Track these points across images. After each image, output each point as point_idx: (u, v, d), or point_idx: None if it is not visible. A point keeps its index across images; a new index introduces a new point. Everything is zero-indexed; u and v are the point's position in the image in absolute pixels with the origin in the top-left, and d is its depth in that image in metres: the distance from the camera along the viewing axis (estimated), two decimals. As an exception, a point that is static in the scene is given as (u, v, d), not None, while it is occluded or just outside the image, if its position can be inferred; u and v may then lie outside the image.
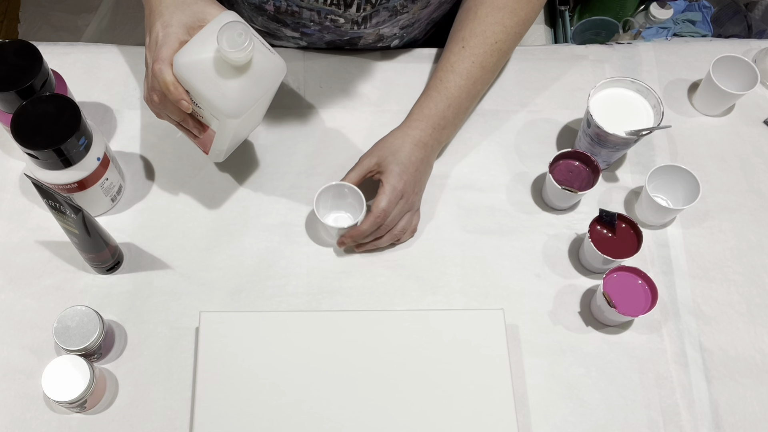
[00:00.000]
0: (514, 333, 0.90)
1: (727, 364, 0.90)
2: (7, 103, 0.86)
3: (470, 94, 0.95)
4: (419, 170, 0.91)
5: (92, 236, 0.83)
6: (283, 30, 1.02)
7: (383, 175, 0.89)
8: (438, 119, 0.93)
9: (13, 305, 0.89)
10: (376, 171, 0.91)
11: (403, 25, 1.02)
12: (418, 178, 0.92)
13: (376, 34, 1.03)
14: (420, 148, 0.91)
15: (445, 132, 0.95)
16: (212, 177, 0.99)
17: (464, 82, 0.94)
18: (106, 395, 0.85)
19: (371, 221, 0.88)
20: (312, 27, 1.00)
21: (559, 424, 0.85)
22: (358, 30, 0.99)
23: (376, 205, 0.88)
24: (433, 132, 0.93)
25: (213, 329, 0.84)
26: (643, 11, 1.75)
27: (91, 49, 1.07)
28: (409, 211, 0.92)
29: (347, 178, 0.91)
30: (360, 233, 0.89)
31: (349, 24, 0.98)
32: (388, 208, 0.88)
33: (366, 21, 0.97)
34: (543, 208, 0.99)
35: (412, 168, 0.90)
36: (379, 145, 0.92)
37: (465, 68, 0.94)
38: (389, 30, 1.02)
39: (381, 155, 0.91)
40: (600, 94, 0.96)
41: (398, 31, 1.04)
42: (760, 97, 1.09)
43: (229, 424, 0.80)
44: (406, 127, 0.92)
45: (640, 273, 0.88)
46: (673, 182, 0.96)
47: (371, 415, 0.81)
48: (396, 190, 0.89)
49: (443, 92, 0.93)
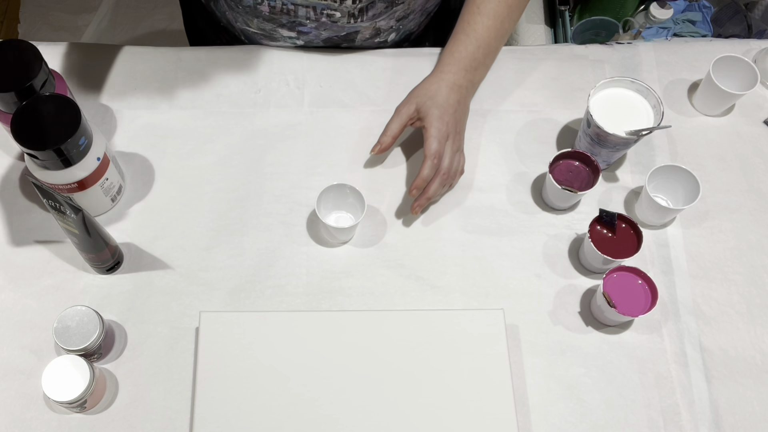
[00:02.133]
0: (514, 333, 0.90)
1: (727, 364, 0.90)
2: (7, 103, 0.86)
3: (499, 34, 0.96)
4: (458, 111, 0.94)
5: (92, 236, 0.83)
6: (279, 31, 1.02)
7: (425, 120, 0.91)
8: (469, 61, 0.95)
9: (13, 305, 0.89)
10: (416, 118, 0.93)
11: (399, 17, 1.03)
12: (458, 118, 0.94)
13: (373, 28, 1.03)
14: (455, 90, 0.93)
15: (477, 73, 0.96)
16: (212, 177, 0.99)
17: (492, 22, 0.95)
18: (106, 395, 0.85)
19: (429, 164, 0.90)
20: (308, 25, 1.00)
21: (559, 424, 0.85)
22: (355, 24, 1.00)
23: (428, 148, 0.90)
24: (466, 74, 0.95)
25: (213, 329, 0.84)
26: (643, 11, 1.75)
27: (91, 49, 1.08)
28: (458, 151, 0.94)
29: (388, 129, 0.93)
30: (423, 179, 0.90)
31: (345, 18, 0.98)
32: (439, 149, 0.91)
33: (362, 13, 0.98)
34: (543, 208, 0.99)
35: (451, 110, 0.92)
36: (414, 92, 0.94)
37: (491, 8, 0.95)
38: (386, 23, 1.03)
39: (419, 101, 0.93)
40: (600, 94, 0.96)
41: (395, 24, 1.04)
42: (760, 97, 1.09)
43: (229, 424, 0.80)
44: (439, 72, 0.95)
45: (640, 273, 0.88)
46: (673, 182, 0.96)
47: (371, 415, 0.81)
48: (441, 131, 0.91)
49: (471, 34, 0.95)
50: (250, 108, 1.04)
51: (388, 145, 0.94)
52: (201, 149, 1.00)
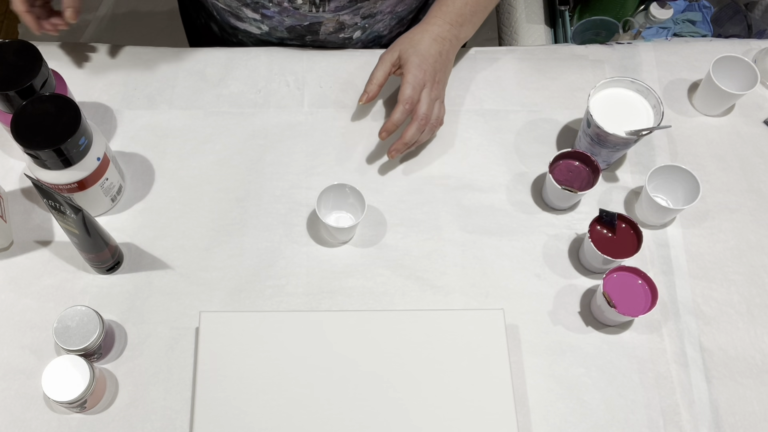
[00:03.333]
0: (514, 333, 0.90)
1: (727, 364, 0.90)
2: (7, 103, 0.86)
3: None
4: (438, 62, 0.95)
5: (92, 236, 0.83)
6: (244, 10, 1.03)
7: (404, 67, 0.94)
8: (455, 16, 0.96)
9: (13, 305, 0.89)
10: (398, 65, 0.95)
11: (365, 15, 1.04)
12: (437, 68, 0.95)
13: (337, 21, 1.04)
14: (438, 42, 0.95)
15: (463, 29, 0.98)
16: (212, 177, 0.99)
17: None
18: (106, 395, 0.85)
19: (400, 109, 0.93)
20: (271, 9, 1.01)
21: (559, 424, 0.85)
22: (317, 14, 1.01)
23: (401, 94, 0.93)
24: (451, 28, 0.96)
25: (213, 329, 0.84)
26: (643, 11, 1.75)
27: (91, 49, 1.08)
28: (437, 100, 0.96)
29: (373, 77, 0.95)
30: (392, 123, 0.94)
31: (307, 6, 0.99)
32: (413, 95, 0.93)
33: (324, 3, 0.99)
34: (543, 208, 0.99)
35: (431, 59, 0.94)
36: (398, 41, 0.97)
37: None
38: (350, 18, 1.03)
39: (402, 48, 0.95)
40: (600, 94, 0.96)
41: (360, 21, 1.05)
42: (760, 97, 1.09)
43: (229, 424, 0.80)
44: (425, 23, 0.97)
45: (640, 273, 0.88)
46: (673, 182, 0.96)
47: (371, 415, 0.81)
48: (417, 78, 0.93)
49: None
50: (250, 108, 1.04)
51: (374, 93, 0.96)
52: (201, 149, 1.00)
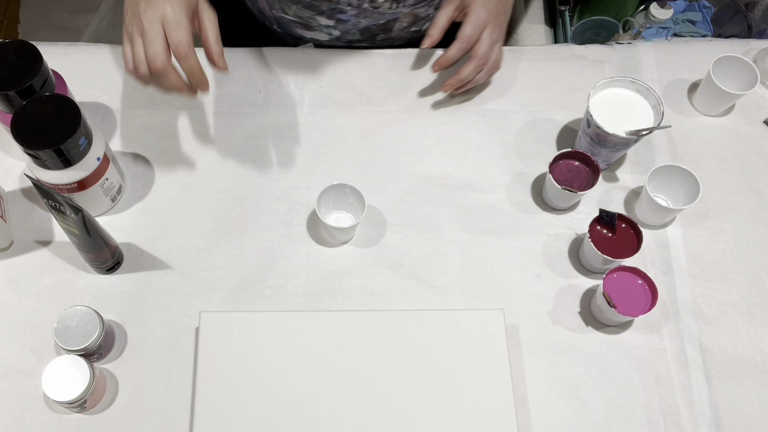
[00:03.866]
0: (514, 333, 0.90)
1: (727, 364, 0.90)
2: (7, 103, 0.86)
3: None
4: (501, 3, 0.97)
5: (92, 236, 0.83)
6: (317, 19, 1.03)
7: (469, 7, 0.95)
8: None
9: (13, 305, 0.89)
10: (461, 8, 0.96)
11: (438, 4, 1.05)
12: (500, 10, 0.97)
13: (412, 15, 1.05)
14: None
15: None
16: (212, 177, 0.99)
17: None
18: (106, 395, 0.85)
19: (457, 47, 0.95)
20: (349, 12, 1.01)
21: (559, 424, 0.85)
22: (396, 10, 1.01)
23: (461, 31, 0.94)
24: None
25: (213, 329, 0.84)
26: (643, 11, 1.75)
27: (91, 49, 1.08)
28: (497, 43, 0.97)
29: (437, 21, 0.96)
30: (447, 58, 0.96)
31: (388, 3, 0.99)
32: (472, 34, 0.95)
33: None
34: (543, 208, 0.99)
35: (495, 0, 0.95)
36: None
37: None
38: (424, 10, 1.05)
39: None
40: (600, 94, 0.96)
41: (432, 12, 1.06)
42: (760, 97, 1.09)
43: (229, 424, 0.80)
44: None
45: (640, 273, 0.88)
46: (673, 182, 0.96)
47: (371, 415, 0.81)
48: (480, 17, 0.94)
49: None
50: (250, 108, 1.04)
51: (437, 38, 0.96)
52: (201, 149, 1.01)
